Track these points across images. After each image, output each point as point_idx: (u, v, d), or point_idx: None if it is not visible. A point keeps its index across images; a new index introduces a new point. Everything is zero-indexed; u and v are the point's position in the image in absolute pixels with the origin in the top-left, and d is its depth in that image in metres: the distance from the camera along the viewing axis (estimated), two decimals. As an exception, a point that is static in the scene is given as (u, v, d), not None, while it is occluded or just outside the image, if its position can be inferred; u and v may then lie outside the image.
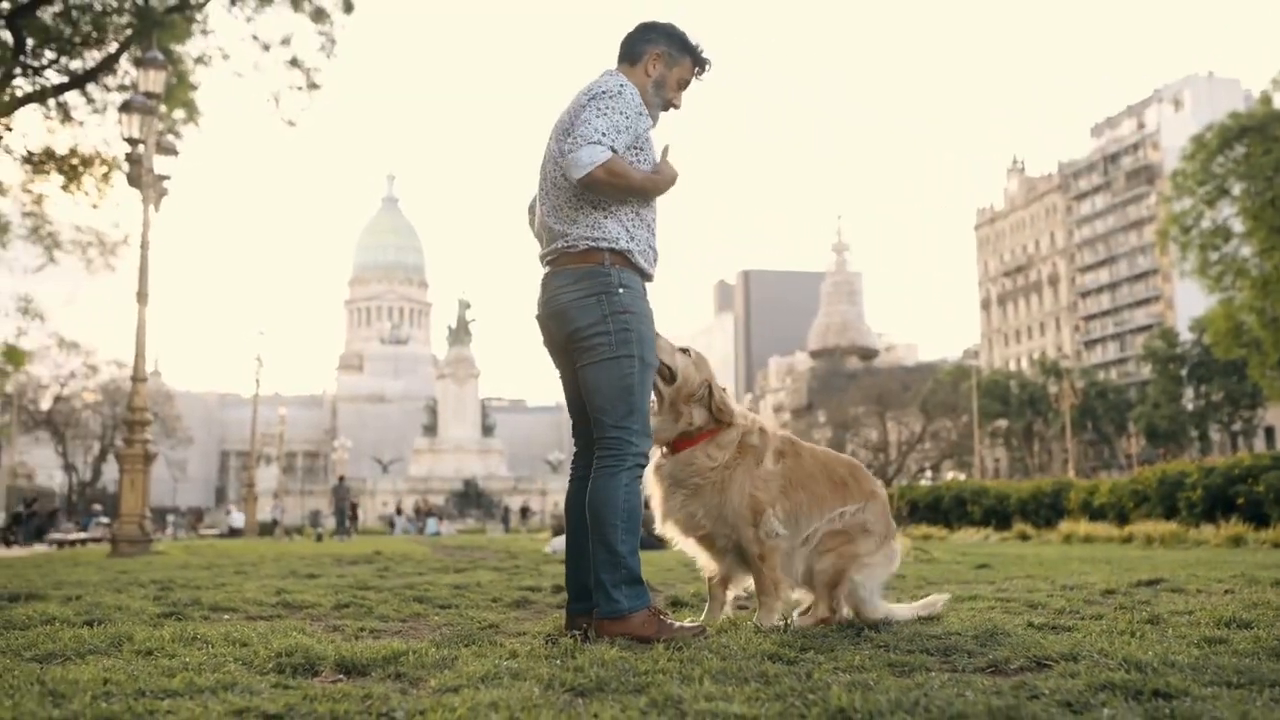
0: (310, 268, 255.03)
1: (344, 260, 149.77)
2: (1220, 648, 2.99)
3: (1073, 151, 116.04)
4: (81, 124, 18.23)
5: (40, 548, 22.01)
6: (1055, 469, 71.09)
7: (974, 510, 21.21)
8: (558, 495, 66.11)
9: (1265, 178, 38.39)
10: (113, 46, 17.50)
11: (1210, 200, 40.31)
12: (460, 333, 77.64)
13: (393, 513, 54.86)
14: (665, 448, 3.83)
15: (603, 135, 3.39)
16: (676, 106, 3.77)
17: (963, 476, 63.08)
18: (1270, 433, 73.88)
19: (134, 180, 14.42)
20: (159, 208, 14.81)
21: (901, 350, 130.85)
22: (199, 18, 17.88)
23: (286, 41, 18.14)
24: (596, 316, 3.48)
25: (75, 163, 18.28)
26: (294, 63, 18.22)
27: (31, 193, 19.04)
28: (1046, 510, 19.30)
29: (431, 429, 78.67)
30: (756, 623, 3.67)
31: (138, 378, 14.37)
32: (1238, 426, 72.89)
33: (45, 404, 66.53)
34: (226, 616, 4.28)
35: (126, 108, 14.37)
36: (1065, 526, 16.63)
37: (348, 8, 18.06)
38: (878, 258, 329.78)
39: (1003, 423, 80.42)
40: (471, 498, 70.45)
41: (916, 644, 3.12)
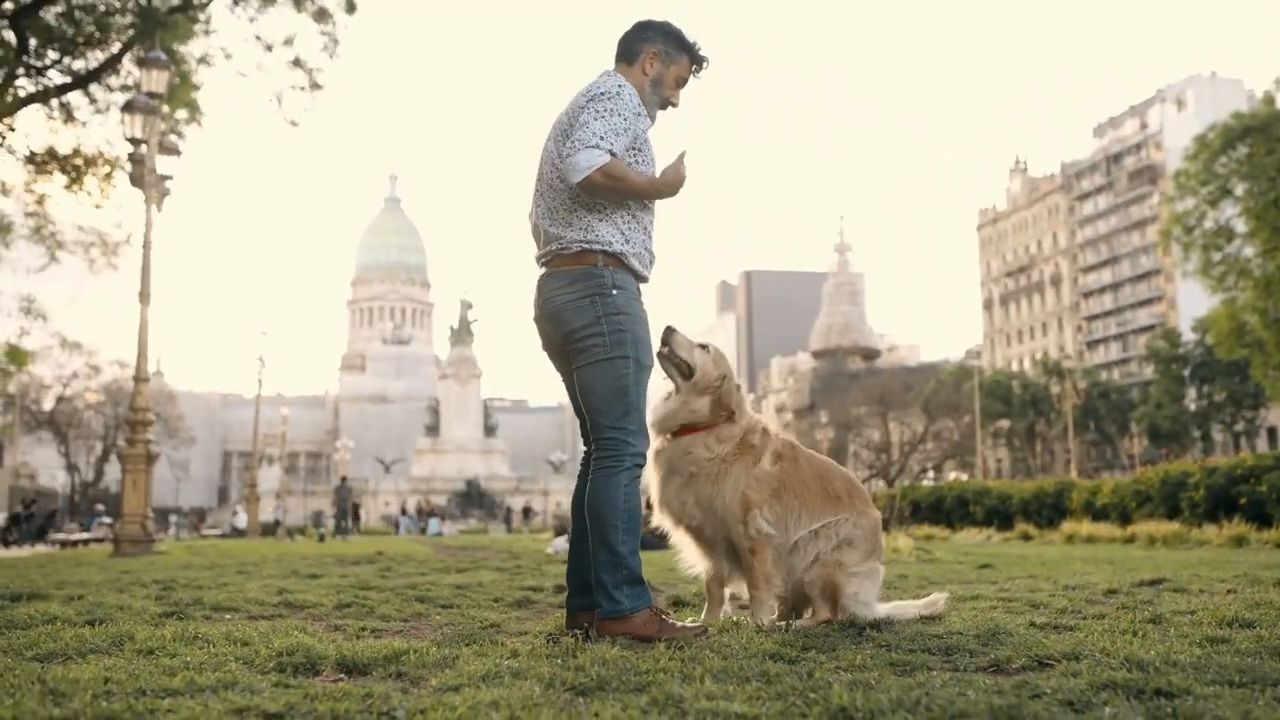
0: (312, 268, 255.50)
1: (346, 260, 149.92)
2: (1222, 647, 2.99)
3: (1075, 152, 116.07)
4: (84, 124, 18.27)
5: (40, 548, 21.98)
6: (1057, 469, 71.03)
7: (976, 510, 21.20)
8: (560, 495, 66.13)
9: (1268, 178, 38.37)
10: (115, 46, 17.52)
11: (1213, 200, 40.31)
12: (462, 333, 77.64)
13: (397, 513, 54.87)
14: (668, 435, 3.82)
15: (601, 138, 3.39)
16: (675, 105, 3.76)
17: (965, 477, 63.05)
18: (1273, 433, 73.83)
19: (136, 180, 14.43)
20: (161, 208, 14.82)
21: (904, 350, 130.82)
22: (202, 18, 17.90)
23: (289, 42, 18.16)
24: (590, 318, 3.49)
25: (78, 163, 18.29)
26: (297, 63, 18.24)
27: (34, 193, 19.06)
28: (1049, 510, 19.29)
29: (434, 429, 78.66)
30: (757, 622, 3.67)
31: (140, 378, 14.37)
32: (1240, 427, 72.85)
33: (48, 404, 66.66)
34: (228, 616, 4.28)
35: (129, 108, 14.38)
36: (1067, 527, 16.63)
37: (350, 8, 18.08)
38: (880, 258, 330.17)
39: (1005, 423, 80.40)
40: (474, 498, 70.42)
41: (918, 643, 3.12)
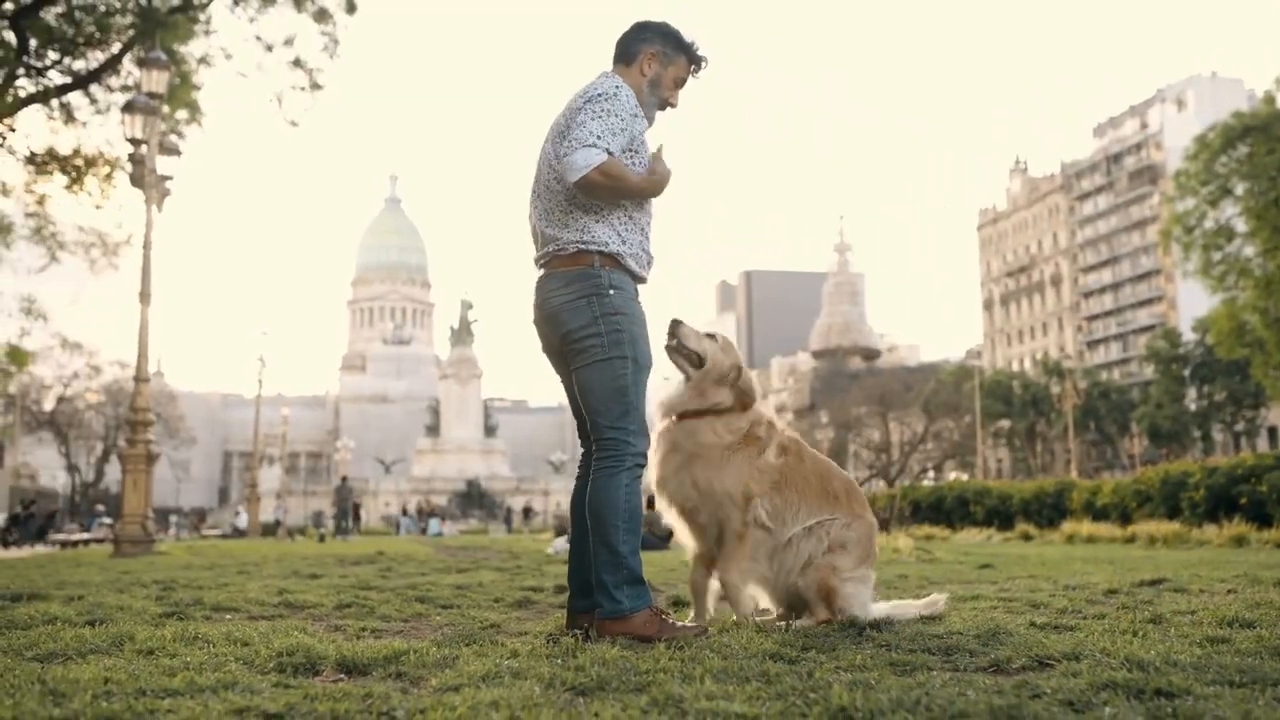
0: (313, 268, 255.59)
1: (347, 261, 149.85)
2: (1223, 647, 2.98)
3: (1075, 152, 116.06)
4: (84, 124, 18.27)
5: (39, 549, 21.94)
6: (1058, 469, 71.04)
7: (976, 510, 21.21)
8: (560, 495, 66.05)
9: (1268, 178, 38.37)
10: (116, 47, 17.52)
11: (1213, 200, 40.31)
12: (463, 333, 77.66)
13: (397, 513, 54.85)
14: (674, 417, 3.81)
15: (598, 138, 3.39)
16: (673, 105, 3.76)
17: (965, 477, 63.03)
18: (1273, 433, 73.84)
19: (137, 180, 14.43)
20: (162, 208, 14.81)
21: (904, 350, 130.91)
22: (202, 18, 17.91)
23: (289, 42, 18.17)
24: (588, 319, 3.49)
25: (78, 163, 18.30)
26: (297, 63, 18.24)
27: (35, 193, 19.06)
28: (1049, 510, 19.30)
29: (434, 429, 78.67)
30: (736, 614, 3.68)
31: (140, 378, 14.37)
32: (1240, 427, 72.86)
33: (48, 405, 66.67)
34: (228, 616, 4.28)
35: (129, 108, 14.37)
36: (1068, 527, 16.63)
37: (350, 8, 18.09)
38: (880, 258, 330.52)
39: (1005, 423, 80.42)
40: (474, 498, 70.42)
41: (918, 643, 3.12)
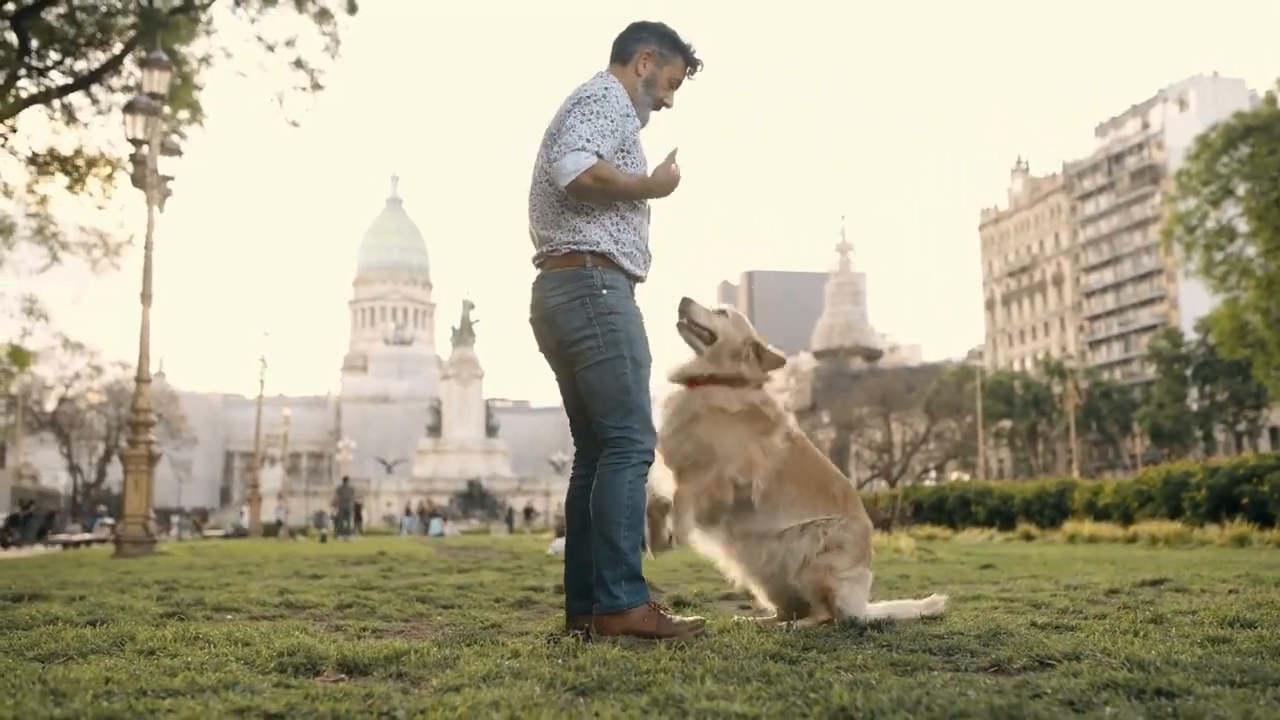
0: (314, 268, 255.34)
1: (348, 261, 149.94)
2: (1224, 647, 2.98)
3: (1077, 151, 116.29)
4: (86, 125, 18.31)
5: (38, 549, 21.88)
6: (1060, 469, 71.00)
7: (978, 511, 21.21)
8: (561, 496, 65.29)
9: (1270, 178, 38.35)
10: (117, 47, 17.55)
11: (1215, 200, 40.30)
12: (464, 333, 77.65)
13: (399, 513, 54.83)
14: (687, 383, 3.79)
15: (587, 141, 3.40)
16: (668, 105, 3.76)
17: (967, 477, 63.06)
18: (1275, 433, 73.80)
19: (138, 181, 14.43)
20: (163, 208, 14.81)
21: (906, 351, 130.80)
22: (203, 18, 17.93)
23: (291, 42, 18.20)
24: (583, 320, 3.50)
25: (80, 164, 18.32)
26: (298, 63, 18.27)
27: (36, 194, 19.10)
28: (1051, 510, 19.30)
29: (435, 430, 78.66)
30: (674, 530, 3.67)
31: (142, 378, 14.37)
32: (1242, 427, 72.82)
33: (50, 405, 66.74)
34: (229, 616, 4.28)
35: (131, 108, 14.37)
36: (1069, 527, 16.64)
37: (351, 9, 18.11)
38: (882, 258, 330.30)
39: (1007, 423, 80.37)
40: (475, 498, 70.42)
41: (919, 644, 3.12)
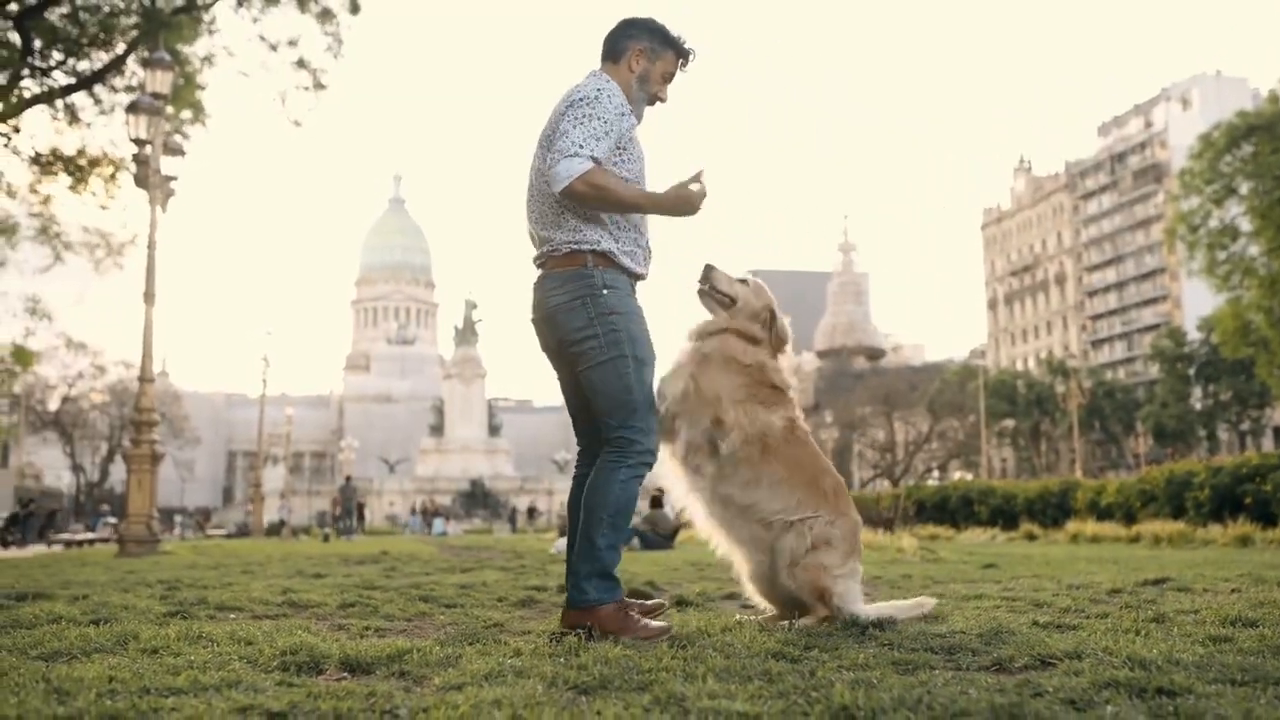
0: (317, 268, 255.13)
1: (351, 261, 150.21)
2: (1225, 646, 2.98)
3: (1080, 151, 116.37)
4: (89, 125, 18.36)
5: (37, 548, 21.83)
6: (1062, 469, 70.98)
7: (981, 510, 21.19)
8: (564, 495, 65.33)
9: (1273, 176, 38.33)
10: (120, 48, 17.58)
11: (1218, 199, 40.29)
12: (467, 333, 77.71)
13: (404, 513, 54.84)
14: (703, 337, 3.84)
15: (580, 146, 3.39)
16: (663, 100, 3.77)
17: (970, 476, 62.97)
18: (1278, 432, 73.70)
19: (141, 181, 14.43)
20: (166, 208, 14.82)
21: (908, 350, 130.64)
22: (206, 18, 17.96)
23: (293, 42, 18.25)
24: (584, 320, 3.50)
25: (83, 163, 18.36)
26: (301, 63, 18.31)
27: (39, 193, 19.14)
28: (1053, 510, 19.28)
29: (438, 429, 78.73)
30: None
31: (145, 378, 14.38)
32: (1245, 426, 72.77)
33: (53, 404, 66.88)
34: (232, 615, 4.29)
35: (133, 108, 14.38)
36: (1072, 526, 16.61)
37: (354, 8, 18.14)
38: (884, 258, 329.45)
39: (1010, 422, 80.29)
40: (478, 498, 70.50)
41: (921, 643, 3.12)
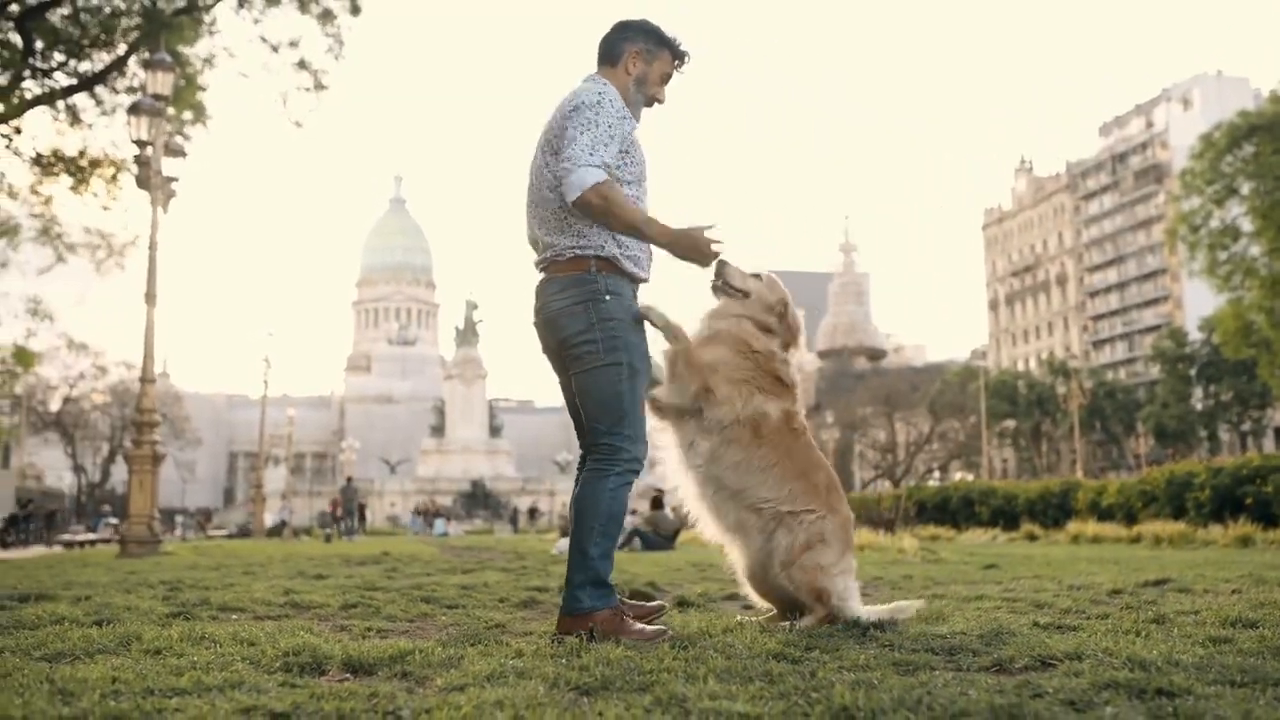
0: (318, 269, 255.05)
1: (351, 261, 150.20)
2: (1225, 647, 2.99)
3: (1081, 151, 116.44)
4: (90, 126, 18.37)
5: (38, 549, 21.79)
6: (1063, 469, 70.90)
7: (982, 511, 21.19)
8: (566, 496, 65.81)
9: (1274, 177, 38.29)
10: (121, 49, 17.59)
11: (1219, 199, 40.25)
12: (468, 333, 77.68)
13: (406, 514, 54.82)
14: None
15: (591, 153, 3.41)
16: (661, 101, 3.78)
17: (971, 477, 62.93)
18: (1279, 433, 73.64)
19: (142, 182, 14.44)
20: (167, 209, 14.83)
21: (909, 351, 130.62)
22: (207, 19, 17.97)
23: (294, 43, 18.26)
24: (584, 324, 3.51)
25: (84, 164, 18.38)
26: (302, 64, 18.33)
27: (40, 194, 19.15)
28: (1054, 510, 19.28)
29: (439, 430, 78.68)
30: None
31: (146, 379, 14.38)
32: (1247, 426, 72.70)
33: (54, 405, 66.82)
34: (234, 616, 4.29)
35: (135, 110, 14.38)
36: (1073, 527, 16.61)
37: (355, 9, 18.15)
38: (885, 258, 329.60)
39: (1011, 423, 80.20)
40: (479, 498, 70.45)
41: (921, 643, 3.13)
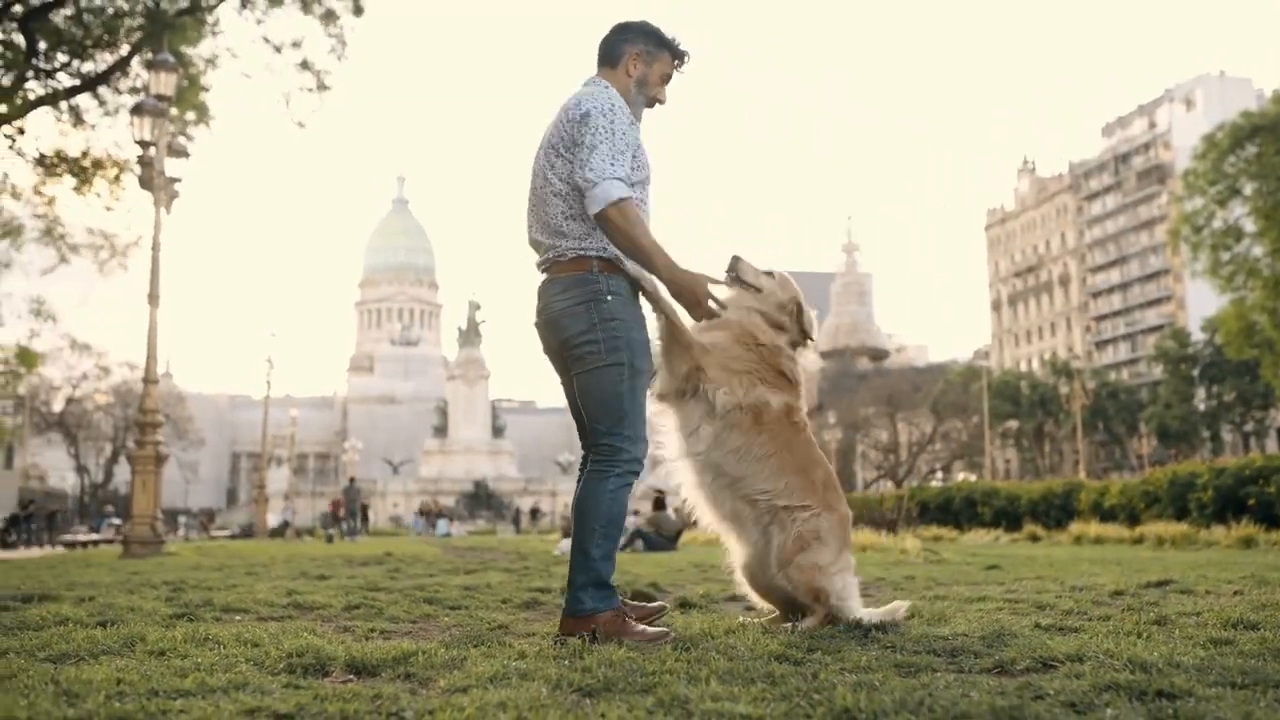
0: (321, 269, 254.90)
1: (354, 262, 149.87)
2: (1226, 649, 2.99)
3: (1084, 151, 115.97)
4: (93, 126, 18.39)
5: (35, 550, 21.76)
6: (1066, 470, 70.83)
7: (984, 511, 21.17)
8: (568, 496, 65.72)
9: (1277, 177, 38.27)
10: (124, 49, 17.61)
11: (1222, 200, 40.22)
12: (470, 334, 77.72)
13: (409, 515, 54.82)
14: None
15: (612, 164, 3.42)
16: (662, 101, 3.78)
17: (973, 477, 62.87)
18: (1282, 433, 73.57)
19: (145, 182, 14.46)
20: (170, 210, 14.85)
21: (912, 351, 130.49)
22: (209, 20, 17.98)
23: (297, 44, 18.28)
24: (586, 325, 3.51)
25: (87, 165, 18.39)
26: (304, 65, 18.34)
27: (44, 195, 19.17)
28: (1057, 511, 19.26)
29: (442, 430, 78.72)
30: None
31: (149, 379, 14.40)
32: (1249, 427, 72.61)
33: (57, 406, 66.89)
34: (238, 617, 4.30)
35: (138, 110, 14.40)
36: (1076, 528, 16.58)
37: (357, 10, 18.16)
38: (888, 258, 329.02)
39: (1013, 423, 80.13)
40: (482, 499, 70.49)
41: (923, 645, 3.13)
